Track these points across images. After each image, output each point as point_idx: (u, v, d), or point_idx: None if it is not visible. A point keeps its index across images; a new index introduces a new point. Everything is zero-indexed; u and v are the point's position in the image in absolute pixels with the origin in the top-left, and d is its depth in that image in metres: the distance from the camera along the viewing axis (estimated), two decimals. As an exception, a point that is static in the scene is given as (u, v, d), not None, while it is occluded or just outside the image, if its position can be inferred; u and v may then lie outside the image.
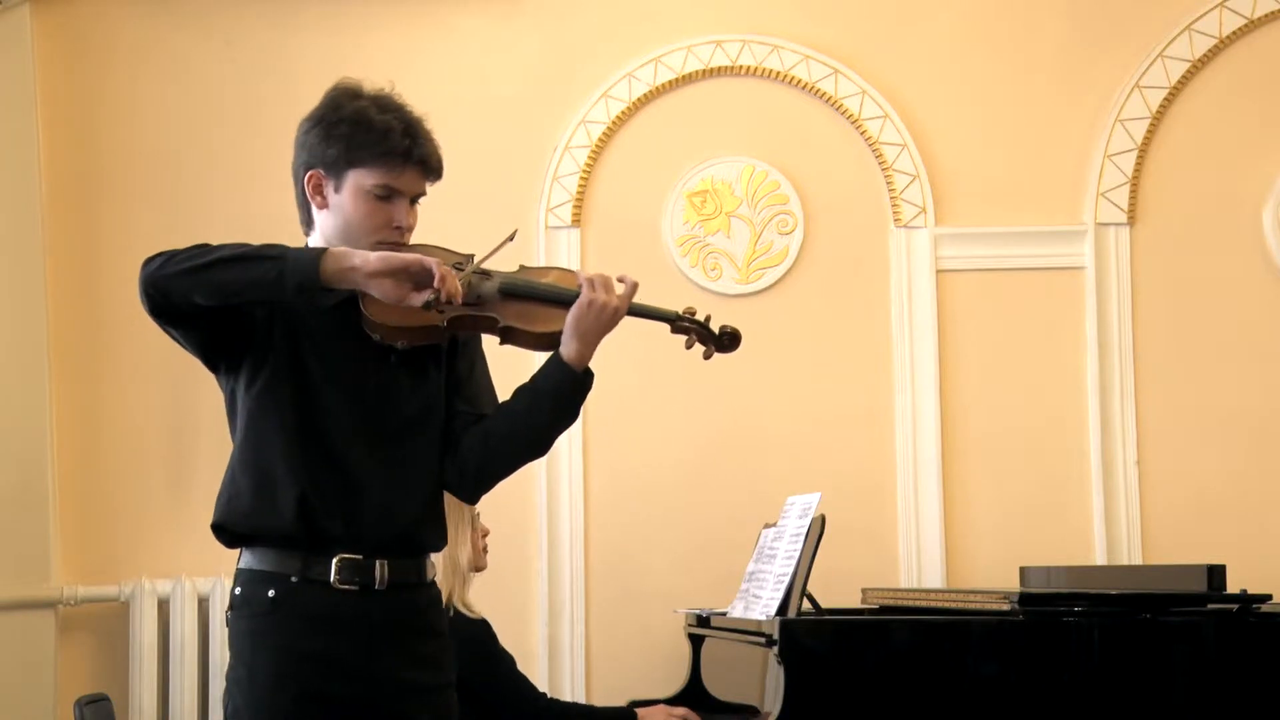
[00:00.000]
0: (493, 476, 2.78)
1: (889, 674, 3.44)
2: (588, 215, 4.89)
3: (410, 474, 2.69)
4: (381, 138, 2.65)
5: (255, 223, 4.81)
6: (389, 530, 2.65)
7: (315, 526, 2.62)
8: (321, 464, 2.63)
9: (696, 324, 2.87)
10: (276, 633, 2.61)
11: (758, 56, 4.93)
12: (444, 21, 4.94)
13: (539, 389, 2.71)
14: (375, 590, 2.63)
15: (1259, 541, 4.71)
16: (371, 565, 2.63)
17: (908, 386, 4.85)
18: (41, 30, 4.79)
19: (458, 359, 2.77)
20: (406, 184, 2.68)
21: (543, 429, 2.74)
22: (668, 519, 4.81)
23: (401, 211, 2.68)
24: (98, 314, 4.79)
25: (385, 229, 2.67)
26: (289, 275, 2.52)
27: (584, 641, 4.75)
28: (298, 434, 2.63)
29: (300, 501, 2.61)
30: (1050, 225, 4.91)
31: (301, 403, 2.64)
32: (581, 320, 2.67)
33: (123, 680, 4.61)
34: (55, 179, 4.77)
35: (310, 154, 2.71)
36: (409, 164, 2.67)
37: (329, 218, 2.70)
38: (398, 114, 2.69)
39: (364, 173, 2.66)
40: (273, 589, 2.62)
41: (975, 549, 4.82)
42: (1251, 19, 4.92)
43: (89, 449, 4.75)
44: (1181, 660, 3.46)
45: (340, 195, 2.68)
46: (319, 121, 2.71)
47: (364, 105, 2.69)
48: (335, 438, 2.64)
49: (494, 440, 2.72)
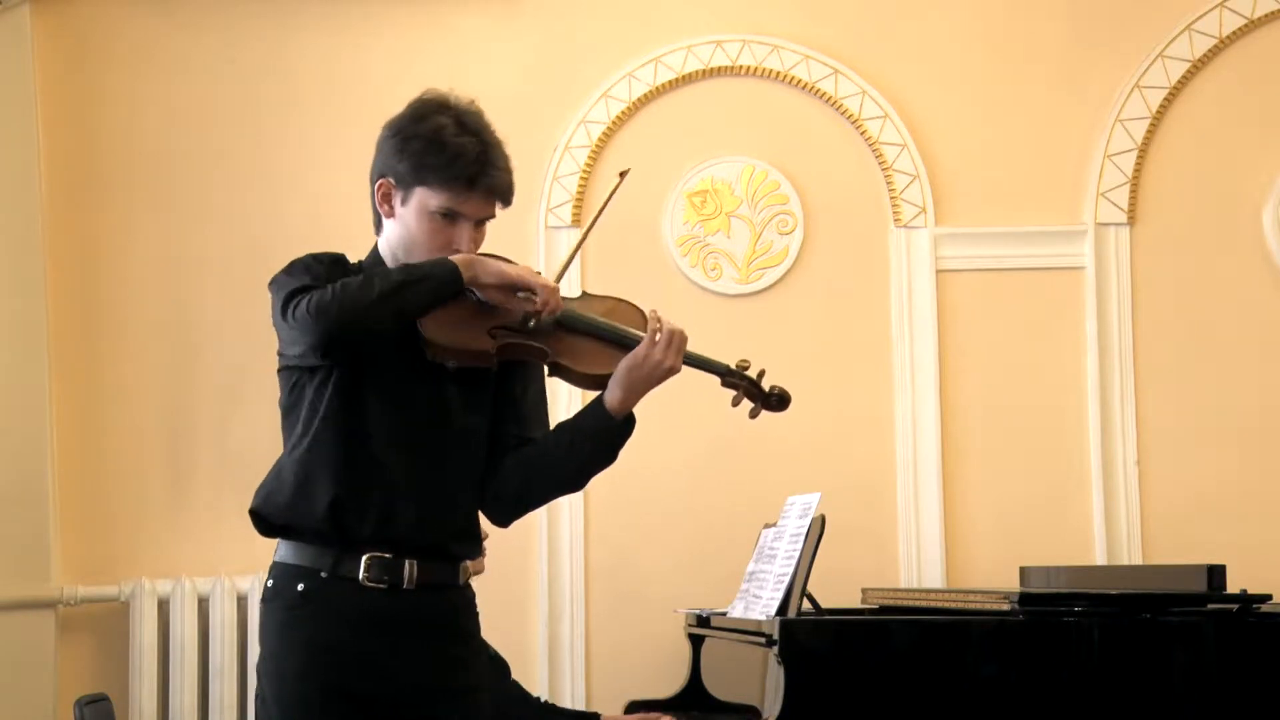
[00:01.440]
0: (527, 506, 2.82)
1: (889, 674, 3.44)
2: (588, 215, 4.89)
3: (449, 487, 2.71)
4: (451, 161, 2.66)
5: (255, 223, 4.85)
6: (422, 539, 2.67)
7: (345, 526, 2.64)
8: (362, 468, 2.65)
9: (746, 380, 2.84)
10: (304, 626, 2.63)
11: (758, 56, 4.93)
12: (444, 21, 4.94)
13: (579, 431, 2.74)
14: (404, 590, 2.65)
15: (1259, 541, 4.71)
16: (401, 565, 2.65)
17: (908, 386, 4.85)
18: (41, 30, 4.79)
19: (513, 380, 2.78)
20: (471, 209, 2.70)
21: (579, 470, 2.77)
22: (668, 519, 4.81)
23: (463, 236, 2.69)
24: (98, 314, 4.79)
25: (444, 249, 2.68)
26: (442, 289, 2.60)
27: (584, 642, 4.75)
28: (343, 437, 2.65)
29: (333, 503, 2.63)
30: (1050, 225, 4.91)
31: (352, 408, 2.66)
32: (634, 371, 2.69)
33: (123, 680, 4.60)
34: (55, 179, 4.77)
35: (384, 162, 2.72)
36: (474, 190, 2.68)
37: (394, 227, 2.73)
38: (477, 137, 2.71)
39: (429, 192, 2.67)
40: (303, 583, 2.64)
41: (975, 549, 4.82)
42: (1251, 19, 4.92)
43: (89, 449, 4.75)
44: (1181, 660, 3.46)
45: (406, 209, 2.70)
46: (398, 131, 2.72)
47: (443, 123, 2.70)
48: (378, 444, 2.66)
49: (532, 473, 2.75)
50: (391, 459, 2.65)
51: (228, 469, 4.67)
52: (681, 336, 2.71)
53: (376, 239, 2.81)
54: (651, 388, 2.72)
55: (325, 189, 4.76)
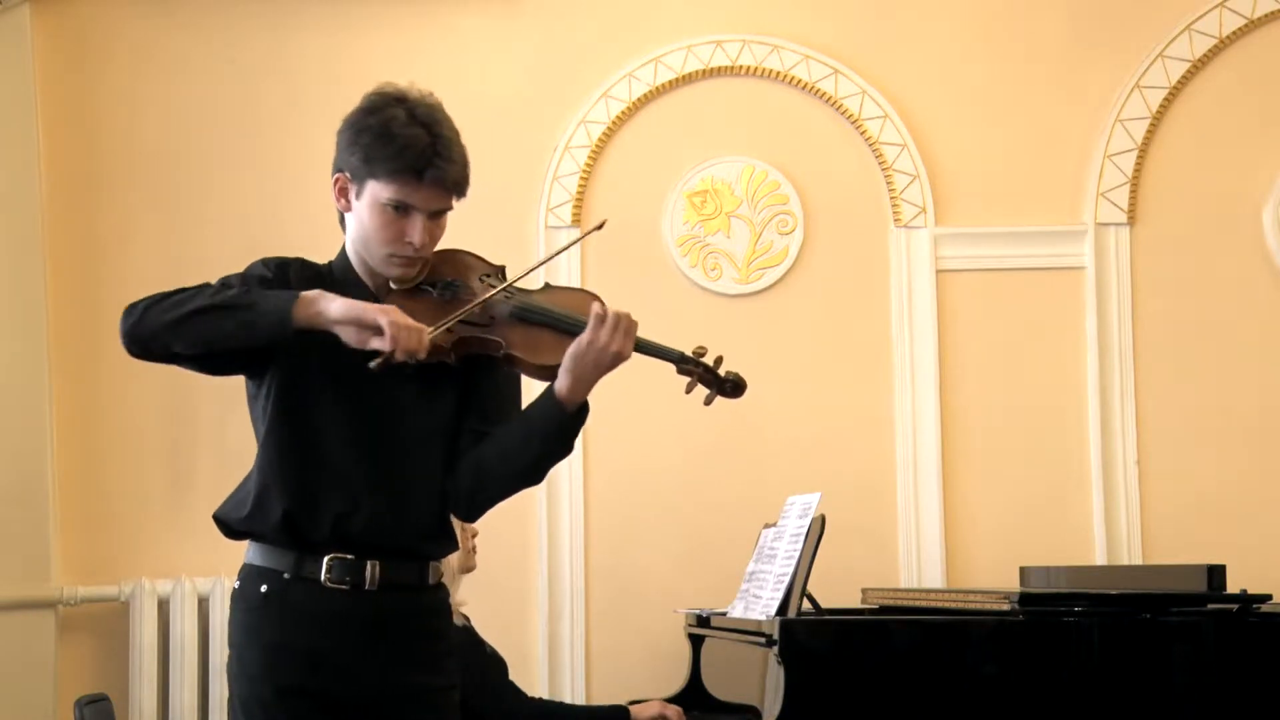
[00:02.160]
0: (486, 501, 2.76)
1: (889, 674, 3.44)
2: (588, 215, 4.89)
3: (409, 487, 2.68)
4: (399, 152, 2.62)
5: (255, 223, 4.85)
6: (383, 539, 2.65)
7: (301, 533, 2.64)
8: (314, 473, 2.64)
9: (701, 366, 2.75)
10: (267, 627, 2.63)
11: (758, 56, 4.93)
12: (444, 21, 4.94)
13: (531, 423, 2.68)
14: (366, 590, 2.63)
15: (1259, 541, 4.71)
16: (362, 566, 2.63)
17: (908, 386, 4.85)
18: (41, 30, 4.79)
19: (479, 374, 2.73)
20: (422, 200, 2.64)
21: (532, 462, 2.70)
22: (668, 519, 4.81)
23: (415, 227, 2.64)
24: (98, 314, 4.79)
25: (397, 242, 2.66)
26: (260, 325, 2.53)
27: (584, 641, 4.75)
28: (293, 445, 2.64)
29: (286, 514, 2.62)
30: (1050, 225, 4.91)
31: (302, 413, 2.65)
32: (581, 359, 2.62)
33: (123, 680, 4.60)
34: (55, 179, 4.77)
35: (339, 156, 2.70)
36: (423, 182, 2.63)
37: (352, 222, 2.72)
38: (427, 129, 2.64)
39: (380, 185, 2.64)
40: (266, 584, 2.63)
41: (975, 549, 4.82)
42: (1251, 19, 4.92)
43: (89, 449, 4.75)
44: (1181, 660, 3.46)
45: (360, 202, 2.68)
46: (351, 125, 2.69)
47: (394, 115, 2.64)
48: (331, 447, 2.64)
49: (485, 466, 2.70)
50: (345, 461, 2.64)
51: (228, 469, 4.61)
52: (629, 321, 2.64)
53: (345, 239, 2.79)
54: (601, 375, 2.64)
55: (325, 189, 4.72)
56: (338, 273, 2.74)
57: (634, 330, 2.65)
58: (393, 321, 2.51)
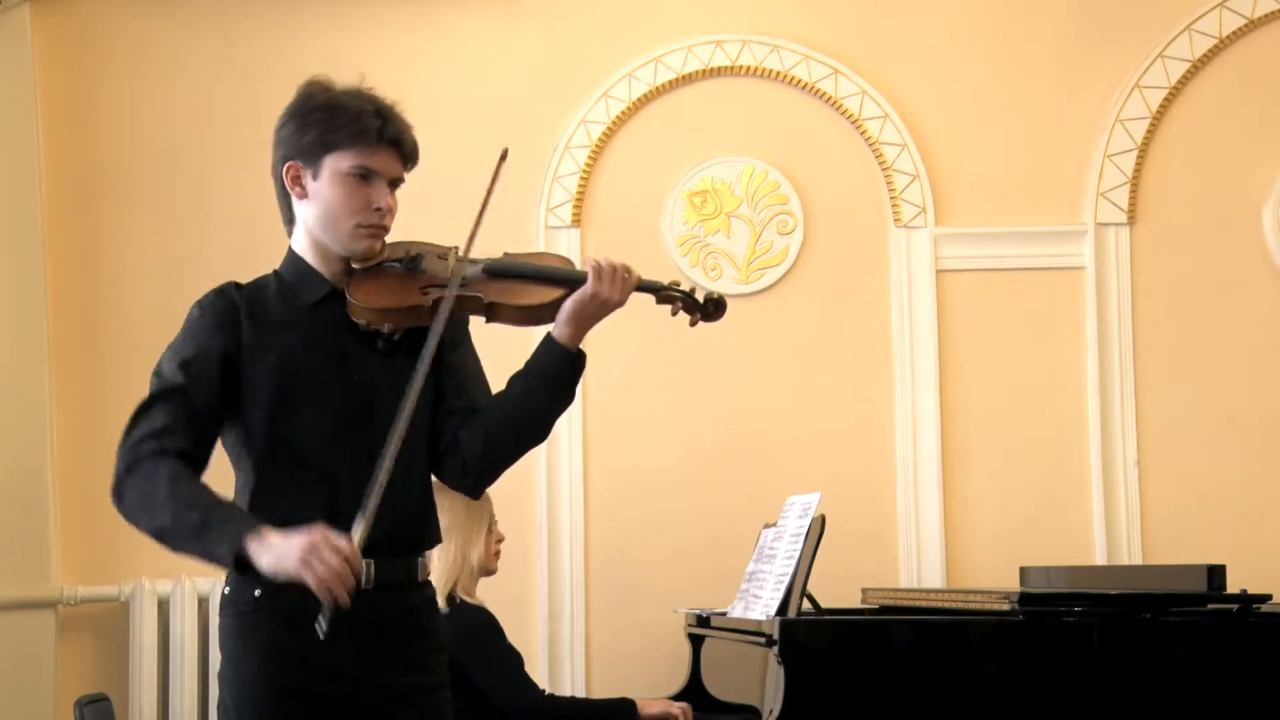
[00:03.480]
0: (496, 467, 2.77)
1: (889, 674, 3.44)
2: (588, 215, 4.89)
3: (396, 479, 2.66)
4: (354, 119, 2.67)
5: (254, 222, 4.82)
6: (377, 530, 2.62)
7: None
8: (299, 478, 2.64)
9: (681, 293, 2.86)
10: (259, 631, 2.62)
11: (758, 56, 4.94)
12: (444, 21, 4.94)
13: (535, 372, 2.71)
14: (360, 590, 2.62)
15: (1259, 541, 4.72)
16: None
17: (908, 386, 4.85)
18: (41, 30, 4.79)
19: (448, 353, 2.75)
20: (382, 165, 2.69)
21: (541, 412, 2.72)
22: (668, 519, 4.81)
23: (381, 193, 2.69)
24: (98, 314, 4.79)
25: (365, 210, 2.69)
26: (211, 558, 2.58)
27: (584, 641, 4.76)
28: (270, 455, 2.65)
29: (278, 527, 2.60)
30: (1050, 225, 4.91)
31: (274, 420, 2.65)
32: (584, 308, 2.69)
33: (123, 680, 4.61)
34: (55, 179, 4.77)
35: (287, 147, 2.73)
36: (383, 143, 2.68)
37: (309, 208, 2.73)
38: (370, 100, 2.72)
39: (340, 156, 2.68)
40: (258, 588, 2.63)
41: (975, 549, 4.82)
42: (1251, 19, 4.92)
43: (89, 449, 4.74)
44: (1181, 660, 3.46)
45: (319, 182, 2.71)
46: (293, 115, 2.74)
47: (338, 92, 2.72)
48: (311, 447, 2.65)
49: (493, 429, 2.71)
50: (326, 458, 2.64)
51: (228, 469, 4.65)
52: (625, 269, 2.75)
53: (289, 242, 2.80)
54: (597, 322, 2.73)
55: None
56: (288, 275, 2.75)
57: (631, 280, 2.74)
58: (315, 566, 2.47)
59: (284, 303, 2.71)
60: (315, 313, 2.70)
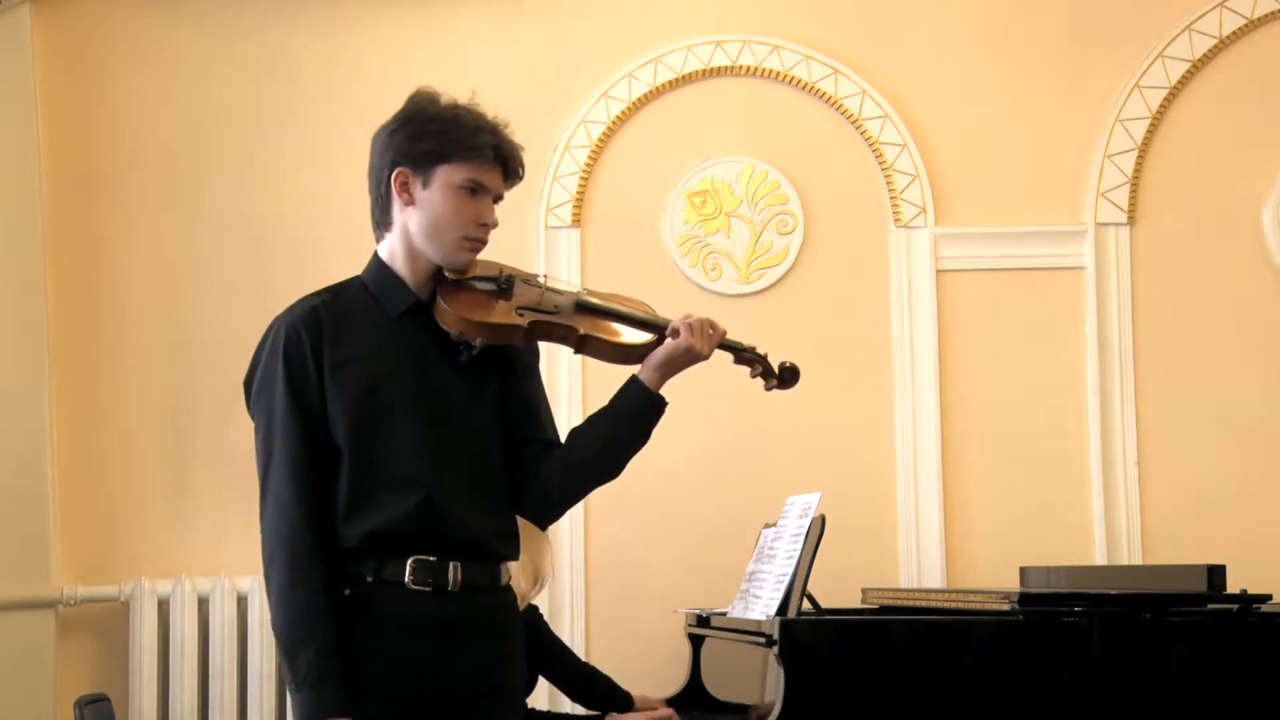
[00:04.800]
0: (573, 501, 2.89)
1: (889, 674, 3.44)
2: (588, 215, 4.89)
3: (483, 487, 2.75)
4: (473, 134, 2.75)
5: (255, 222, 4.85)
6: (463, 540, 2.70)
7: (383, 542, 2.67)
8: (390, 488, 2.68)
9: (759, 357, 3.00)
10: (350, 631, 2.64)
11: (758, 56, 4.93)
12: (444, 21, 4.94)
13: (623, 413, 2.81)
14: (449, 592, 2.67)
15: (1259, 541, 4.72)
16: (445, 567, 2.68)
17: (908, 386, 4.85)
18: (41, 30, 4.79)
19: (523, 384, 2.84)
20: (492, 181, 2.78)
21: (624, 452, 2.85)
22: (668, 519, 4.81)
23: (488, 209, 2.78)
24: (98, 314, 4.79)
25: (473, 225, 2.76)
26: (294, 694, 2.62)
27: (584, 641, 4.75)
28: (360, 466, 2.68)
29: (370, 535, 2.66)
30: (1050, 225, 4.91)
31: (362, 431, 2.68)
32: (675, 359, 2.80)
33: (123, 680, 4.60)
34: (55, 179, 4.77)
35: (397, 153, 2.76)
36: (496, 161, 2.77)
37: (415, 215, 2.76)
38: (485, 116, 2.81)
39: (453, 168, 2.74)
40: (349, 588, 2.66)
41: (975, 549, 4.82)
42: (1251, 19, 4.92)
43: (89, 449, 4.75)
44: (1181, 660, 3.46)
45: (428, 191, 2.75)
46: (407, 121, 2.78)
47: (454, 106, 2.80)
48: (401, 457, 2.68)
49: (576, 466, 2.81)
50: (420, 473, 2.68)
51: (228, 469, 4.67)
52: (713, 324, 2.85)
53: (376, 247, 2.82)
54: (680, 372, 2.85)
55: (325, 189, 4.76)
56: (373, 285, 2.78)
57: (717, 335, 2.86)
58: None
59: (368, 313, 2.75)
60: (400, 324, 2.75)
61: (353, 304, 2.76)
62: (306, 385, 2.67)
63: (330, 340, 2.70)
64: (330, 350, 2.69)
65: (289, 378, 2.68)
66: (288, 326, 2.72)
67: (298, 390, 2.67)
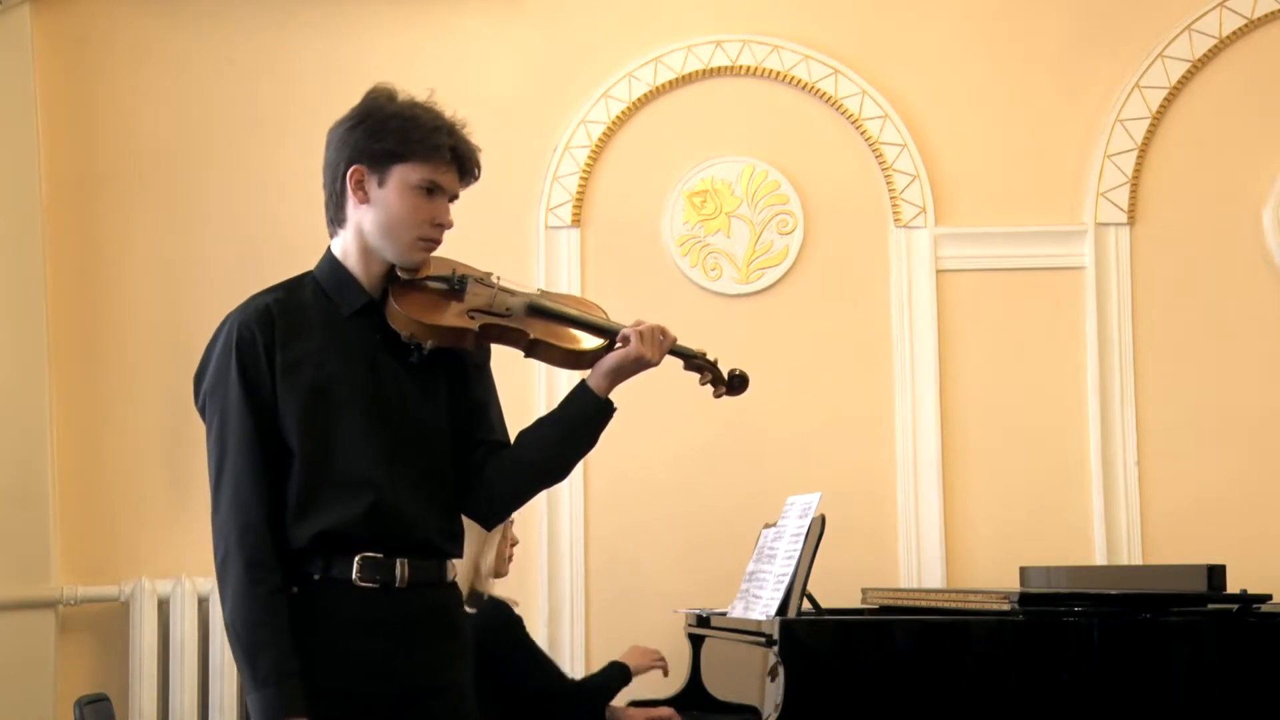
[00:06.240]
0: (518, 504, 2.88)
1: (889, 674, 3.44)
2: (588, 215, 4.89)
3: (432, 487, 2.74)
4: (430, 133, 2.72)
5: (254, 222, 4.85)
6: (410, 537, 2.69)
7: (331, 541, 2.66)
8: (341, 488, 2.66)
9: (708, 364, 2.95)
10: (299, 629, 2.63)
11: (758, 56, 4.93)
12: (444, 21, 4.94)
13: (572, 418, 2.79)
14: (396, 588, 2.66)
15: (1259, 541, 4.71)
16: (393, 564, 2.67)
17: (908, 386, 4.85)
18: (41, 30, 4.79)
19: (474, 385, 2.83)
20: (448, 181, 2.75)
21: (573, 456, 2.83)
22: (668, 519, 4.81)
23: (443, 209, 2.75)
24: (98, 314, 4.79)
25: (428, 225, 2.73)
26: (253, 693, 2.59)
27: (584, 641, 4.76)
28: (312, 465, 2.66)
29: (319, 535, 2.65)
30: (1050, 225, 4.91)
31: (312, 431, 2.67)
32: (623, 366, 2.78)
33: (123, 680, 4.61)
34: (55, 179, 4.77)
35: (354, 150, 2.74)
36: (453, 162, 2.74)
37: (369, 213, 2.74)
38: (442, 116, 2.76)
39: (411, 168, 2.71)
40: (296, 586, 2.65)
41: (975, 549, 4.82)
42: (1251, 19, 4.92)
43: (89, 449, 4.75)
44: (1181, 660, 3.46)
45: (384, 190, 2.72)
46: (364, 118, 2.75)
47: (411, 103, 2.76)
48: (352, 457, 2.67)
49: (523, 469, 2.80)
50: (371, 473, 2.67)
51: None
52: (663, 331, 2.82)
53: (330, 243, 2.80)
54: (629, 378, 2.82)
55: (325, 189, 4.75)
56: (326, 283, 2.76)
57: (667, 342, 2.82)
58: None
59: (320, 312, 2.73)
60: (352, 323, 2.73)
61: (305, 302, 2.74)
62: (260, 384, 2.66)
63: (282, 339, 2.68)
64: (282, 349, 2.68)
65: (243, 376, 2.66)
66: (240, 324, 2.71)
67: (251, 389, 2.65)
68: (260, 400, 2.65)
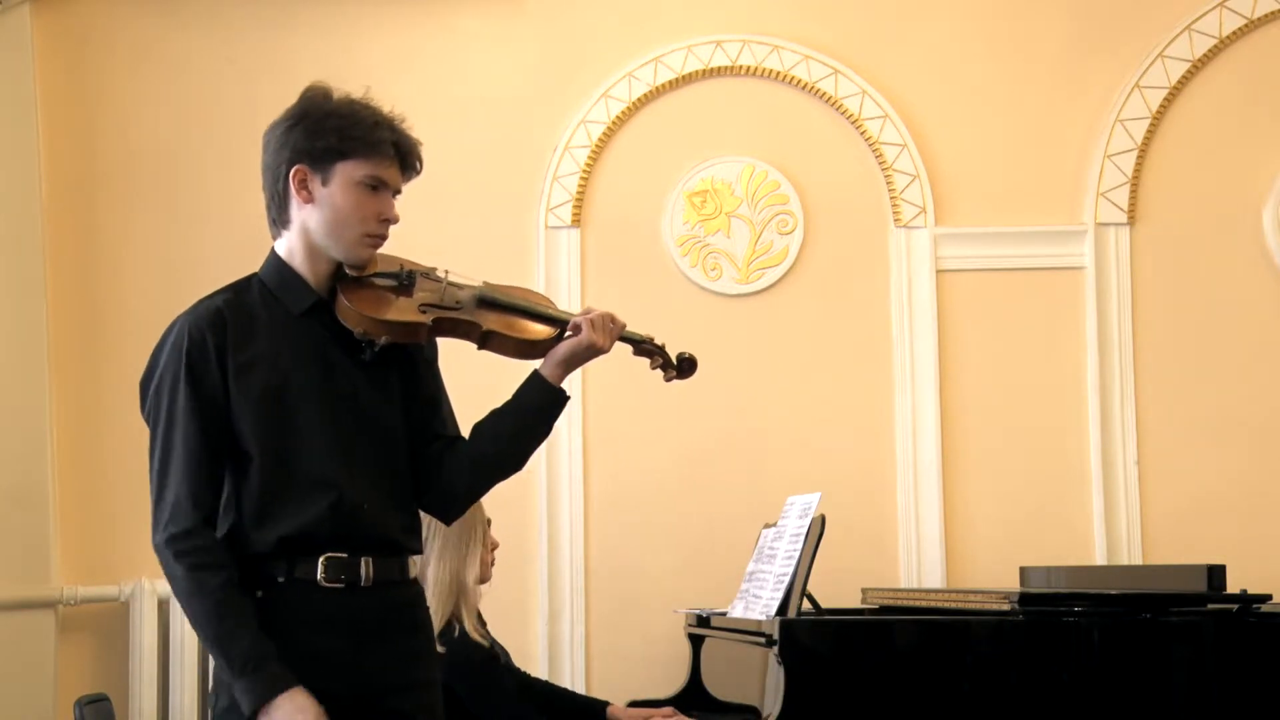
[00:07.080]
0: (476, 496, 2.91)
1: (889, 674, 3.44)
2: (588, 215, 4.89)
3: (390, 484, 2.74)
4: (371, 129, 2.71)
5: (254, 222, 4.82)
6: (373, 535, 2.69)
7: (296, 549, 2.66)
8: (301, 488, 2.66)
9: (657, 348, 2.97)
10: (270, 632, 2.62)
11: (758, 56, 4.93)
12: (444, 21, 4.94)
13: (528, 408, 2.80)
14: (361, 587, 2.66)
15: (1259, 541, 4.71)
16: (357, 563, 2.67)
17: (908, 386, 4.85)
18: (41, 30, 4.79)
19: (425, 380, 2.83)
20: (392, 177, 2.74)
21: (530, 446, 2.84)
22: (668, 519, 4.81)
23: (388, 204, 2.74)
24: (98, 314, 4.79)
25: (374, 221, 2.72)
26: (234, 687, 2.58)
27: (584, 641, 4.76)
28: (269, 467, 2.65)
29: (282, 539, 2.64)
30: (1050, 225, 4.91)
31: (268, 433, 2.66)
32: (575, 355, 2.81)
33: (123, 680, 4.61)
34: (55, 179, 4.77)
35: (294, 150, 2.73)
36: (395, 156, 2.74)
37: (315, 212, 2.73)
38: (380, 111, 2.76)
39: (354, 165, 2.71)
40: (261, 589, 2.64)
41: (975, 549, 4.82)
42: (1251, 19, 4.92)
43: (89, 449, 4.74)
44: (1181, 660, 3.46)
45: (328, 188, 2.72)
46: (303, 118, 2.74)
47: (349, 100, 2.76)
48: (310, 457, 2.66)
49: (480, 461, 2.80)
50: (329, 472, 2.66)
51: (228, 469, 4.66)
52: (612, 318, 2.84)
53: (274, 244, 2.79)
54: (581, 365, 2.87)
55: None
56: (272, 283, 2.75)
57: (617, 328, 2.84)
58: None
59: (270, 313, 2.72)
60: (302, 322, 2.72)
61: (254, 303, 2.72)
62: (209, 386, 2.64)
63: (235, 342, 2.67)
64: (235, 352, 2.66)
65: (191, 379, 2.64)
66: (191, 326, 2.69)
67: (199, 391, 2.64)
68: (209, 403, 2.64)
